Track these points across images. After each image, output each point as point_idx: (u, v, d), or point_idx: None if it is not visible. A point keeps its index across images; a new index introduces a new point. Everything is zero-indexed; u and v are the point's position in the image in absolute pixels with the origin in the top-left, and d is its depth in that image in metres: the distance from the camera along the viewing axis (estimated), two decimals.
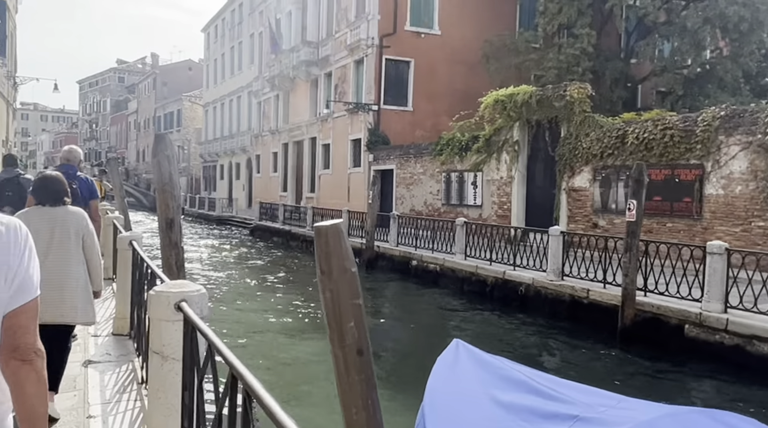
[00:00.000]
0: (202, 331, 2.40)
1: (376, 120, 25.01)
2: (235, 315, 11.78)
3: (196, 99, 54.34)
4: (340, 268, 1.78)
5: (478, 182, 18.75)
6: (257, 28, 38.86)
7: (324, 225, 1.82)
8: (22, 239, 1.48)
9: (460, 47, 25.52)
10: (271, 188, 35.68)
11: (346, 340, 1.76)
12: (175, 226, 6.69)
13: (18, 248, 1.46)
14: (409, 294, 14.33)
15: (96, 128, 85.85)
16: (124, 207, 14.03)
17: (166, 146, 6.53)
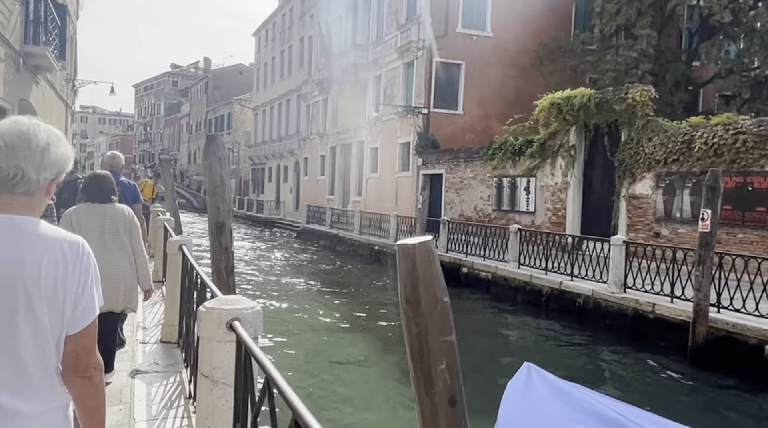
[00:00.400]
0: (258, 358, 2.10)
1: (425, 123, 24.64)
2: (283, 319, 11.60)
3: (246, 102, 55.09)
4: (430, 298, 1.46)
5: (531, 188, 18.16)
6: (307, 31, 39.06)
7: (411, 244, 1.49)
8: (85, 259, 1.51)
9: (512, 50, 24.94)
10: (318, 191, 35.72)
11: (435, 386, 1.42)
12: (226, 230, 6.51)
13: (80, 269, 1.50)
14: (461, 303, 13.88)
15: (150, 131, 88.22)
16: (175, 209, 14.08)
17: (217, 147, 6.35)
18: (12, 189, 1.48)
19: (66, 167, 1.58)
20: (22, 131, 1.50)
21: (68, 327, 1.49)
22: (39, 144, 1.50)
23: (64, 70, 18.49)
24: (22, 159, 1.47)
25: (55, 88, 16.40)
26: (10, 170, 1.47)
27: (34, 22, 11.79)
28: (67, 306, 1.48)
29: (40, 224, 1.51)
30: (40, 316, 1.45)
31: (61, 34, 14.68)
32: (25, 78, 11.96)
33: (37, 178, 1.50)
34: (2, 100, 10.24)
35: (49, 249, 1.47)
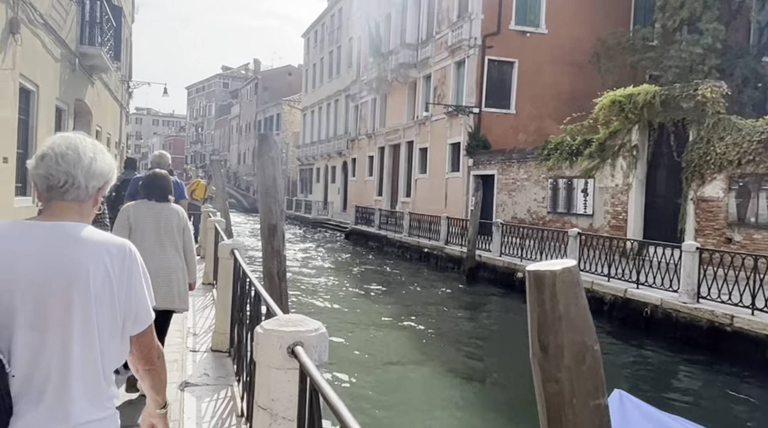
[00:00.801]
0: (325, 393, 1.73)
1: (476, 123, 24.07)
2: (336, 327, 11.32)
3: (295, 103, 55.46)
4: (576, 346, 1.05)
5: (589, 190, 17.40)
6: (356, 32, 38.92)
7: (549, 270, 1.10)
8: (131, 263, 1.57)
9: (568, 47, 24.10)
10: (366, 192, 35.50)
11: None
12: (278, 233, 6.26)
13: (127, 272, 1.56)
14: (516, 310, 13.33)
15: (201, 132, 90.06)
16: (225, 209, 14.00)
17: (270, 146, 6.09)
18: (63, 196, 1.54)
19: (111, 177, 1.65)
20: (70, 142, 1.57)
21: (131, 329, 1.59)
22: (87, 153, 1.57)
23: (119, 72, 18.74)
24: (72, 166, 1.53)
25: (110, 89, 16.60)
26: (60, 178, 1.52)
27: (90, 23, 11.86)
28: (123, 309, 1.56)
29: (89, 230, 1.55)
30: (93, 320, 1.49)
31: (116, 36, 14.80)
32: (81, 79, 12.05)
33: (86, 185, 1.56)
34: (59, 101, 10.29)
35: (100, 253, 1.52)
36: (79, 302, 1.47)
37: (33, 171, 1.56)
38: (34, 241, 1.49)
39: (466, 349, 10.10)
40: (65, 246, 1.49)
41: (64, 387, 1.46)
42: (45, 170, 1.53)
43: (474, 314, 13.12)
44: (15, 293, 1.44)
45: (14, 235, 1.49)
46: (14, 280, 1.44)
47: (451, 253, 18.20)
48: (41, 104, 8.98)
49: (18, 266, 1.45)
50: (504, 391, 8.05)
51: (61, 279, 1.46)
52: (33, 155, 1.56)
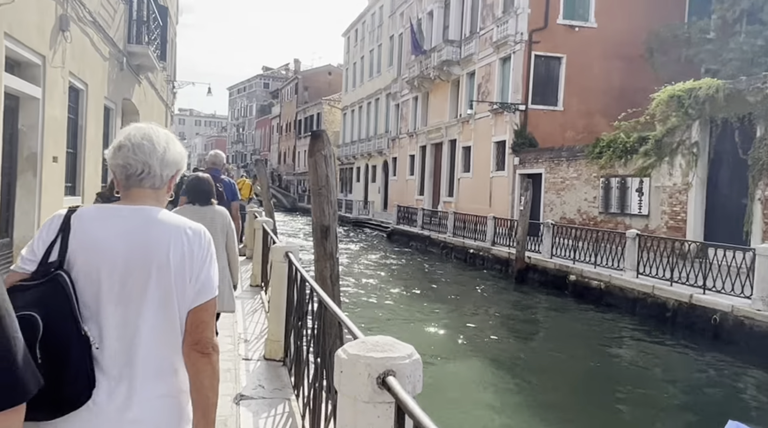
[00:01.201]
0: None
1: (522, 121, 23.43)
2: (384, 327, 11.00)
3: (335, 103, 55.48)
4: None
5: (644, 189, 16.65)
6: (397, 29, 38.58)
7: None
8: (206, 244, 1.66)
9: (618, 41, 23.24)
10: (407, 191, 35.13)
11: None
12: (331, 234, 5.96)
13: (202, 251, 1.64)
14: (569, 314, 12.79)
15: (242, 132, 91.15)
16: (270, 209, 13.84)
17: (323, 144, 5.78)
18: (140, 184, 1.64)
19: (182, 165, 1.73)
20: (145, 132, 1.66)
21: (189, 301, 1.60)
22: (160, 142, 1.66)
23: (165, 71, 18.82)
24: (148, 156, 1.62)
25: (156, 89, 16.65)
26: (138, 167, 1.61)
27: (137, 22, 11.81)
28: (190, 286, 1.60)
29: (166, 213, 1.65)
30: (173, 298, 1.56)
31: (162, 35, 14.80)
32: (128, 78, 12.02)
33: (161, 173, 1.65)
34: (107, 100, 10.24)
35: (176, 234, 1.60)
36: (158, 282, 1.56)
37: (111, 161, 1.65)
38: (119, 224, 1.58)
39: (522, 356, 9.64)
40: (146, 228, 1.59)
41: (145, 362, 1.54)
42: (123, 159, 1.62)
43: (526, 318, 12.62)
44: (102, 270, 1.54)
45: (101, 218, 1.59)
46: (102, 259, 1.54)
47: (498, 254, 17.68)
48: (90, 103, 8.90)
49: (105, 247, 1.55)
50: (558, 395, 7.59)
51: (142, 260, 1.55)
52: (110, 145, 1.66)
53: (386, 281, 16.23)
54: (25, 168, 6.80)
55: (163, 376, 1.57)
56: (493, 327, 11.68)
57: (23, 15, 6.13)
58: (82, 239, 1.55)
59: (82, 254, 1.54)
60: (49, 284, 1.48)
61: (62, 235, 1.55)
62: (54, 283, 1.48)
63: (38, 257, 1.54)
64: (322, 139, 5.99)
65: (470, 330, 11.21)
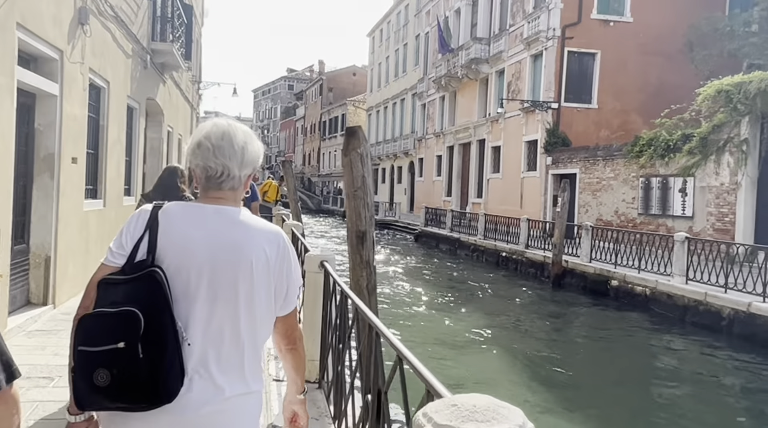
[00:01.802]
0: None
1: (555, 119, 22.68)
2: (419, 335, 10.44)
3: (360, 103, 55.07)
4: None
5: (688, 189, 15.83)
6: (423, 28, 38.01)
7: None
8: (285, 249, 1.65)
9: (655, 35, 22.39)
10: (434, 192, 34.51)
11: None
12: (368, 240, 5.44)
13: (281, 256, 1.63)
14: (613, 322, 12.08)
15: (267, 134, 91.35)
16: (298, 212, 13.37)
17: (359, 141, 5.26)
18: (220, 185, 1.63)
19: (259, 162, 1.73)
20: (224, 132, 1.63)
21: (279, 310, 1.67)
22: (239, 143, 1.64)
23: (190, 72, 18.51)
24: (228, 158, 1.61)
25: (181, 89, 16.32)
26: (218, 169, 1.61)
27: (162, 19, 11.44)
28: (276, 291, 1.64)
29: (247, 215, 1.65)
30: (254, 298, 1.59)
31: (187, 33, 14.44)
32: (152, 76, 11.65)
33: (240, 174, 1.65)
34: (130, 99, 9.85)
35: (259, 237, 1.61)
36: (243, 281, 1.56)
37: (191, 159, 1.63)
38: (204, 223, 1.58)
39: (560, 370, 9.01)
40: (229, 229, 1.59)
41: (228, 359, 1.55)
42: (203, 160, 1.61)
43: (569, 327, 11.95)
44: (191, 269, 1.53)
45: (187, 216, 1.59)
46: (189, 257, 1.54)
47: (533, 258, 16.99)
48: (112, 102, 8.51)
49: (192, 245, 1.55)
50: (612, 414, 6.96)
51: (227, 259, 1.55)
52: (189, 142, 1.64)
53: (417, 286, 15.66)
54: (41, 170, 6.39)
55: (244, 374, 1.58)
56: (536, 338, 11.04)
57: (38, 5, 5.72)
58: (170, 236, 1.56)
59: (171, 250, 1.54)
60: (145, 279, 1.49)
61: (150, 231, 1.56)
62: (150, 279, 1.49)
63: (127, 251, 1.55)
64: (358, 136, 5.48)
65: (513, 341, 10.60)
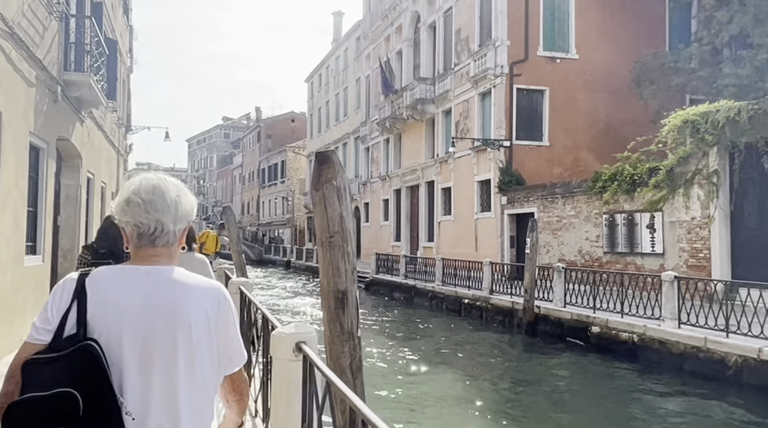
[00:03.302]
0: None
1: (507, 158, 21.97)
2: (378, 403, 8.84)
3: (300, 149, 53.81)
4: None
5: (656, 225, 15.11)
6: (363, 71, 37.41)
7: None
8: (229, 306, 1.58)
9: (601, 72, 22.30)
10: (382, 237, 33.22)
11: None
12: (350, 303, 4.19)
13: (223, 312, 1.56)
14: (597, 374, 10.87)
15: (203, 184, 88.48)
16: (242, 264, 11.69)
17: (334, 171, 3.96)
18: (153, 243, 1.54)
19: (193, 215, 1.63)
20: (154, 186, 1.54)
21: (226, 369, 1.60)
22: (171, 197, 1.55)
23: (116, 114, 16.71)
24: (160, 213, 1.53)
25: (104, 131, 14.52)
26: (150, 225, 1.52)
27: (77, 46, 9.82)
28: (220, 350, 1.56)
29: (184, 274, 1.55)
30: (197, 361, 1.50)
31: (110, 68, 12.81)
32: (66, 112, 9.92)
33: (174, 229, 1.56)
34: (34, 136, 8.11)
35: (198, 296, 1.52)
36: (182, 345, 1.48)
37: (120, 217, 1.55)
38: (137, 286, 1.50)
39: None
40: (165, 291, 1.50)
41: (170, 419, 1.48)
42: (133, 217, 1.53)
43: (546, 382, 10.61)
44: (123, 336, 1.45)
45: (118, 281, 1.51)
46: (123, 324, 1.46)
47: (500, 304, 15.76)
48: (6, 138, 6.80)
49: (125, 311, 1.46)
50: None
51: (164, 323, 1.48)
52: (116, 198, 1.56)
53: (374, 342, 14.08)
54: None
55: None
56: (515, 397, 9.64)
57: None
58: (101, 304, 1.47)
59: (103, 320, 1.46)
60: (79, 355, 1.39)
61: (78, 301, 1.47)
62: (85, 353, 1.40)
63: (54, 325, 1.45)
64: (332, 163, 4.07)
65: (489, 402, 9.17)
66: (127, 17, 19.05)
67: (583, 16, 22.59)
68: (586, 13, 22.54)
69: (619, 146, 20.99)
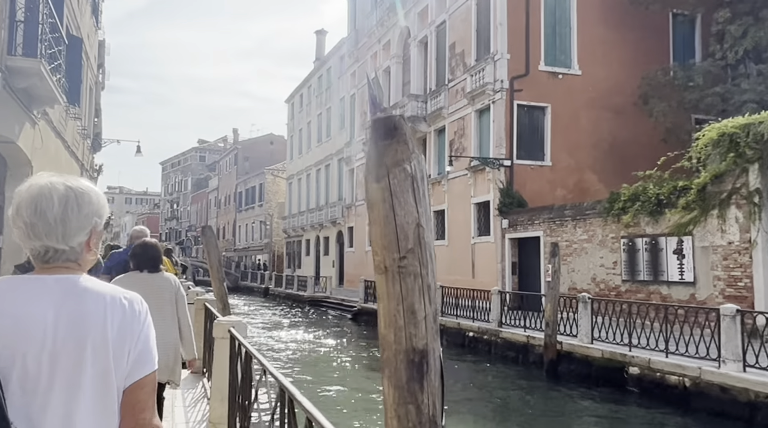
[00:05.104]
0: None
1: (508, 178, 20.51)
2: None
3: (279, 172, 51.97)
4: None
5: (685, 250, 13.64)
6: (348, 90, 35.98)
7: None
8: (144, 315, 1.41)
9: (605, 89, 21.12)
10: (367, 263, 31.35)
11: None
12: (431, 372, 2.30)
13: (139, 323, 1.39)
14: (636, 425, 9.21)
15: (177, 208, 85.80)
16: (223, 294, 9.79)
17: (407, 149, 2.33)
18: (49, 263, 1.36)
19: (100, 215, 1.39)
20: (37, 203, 1.31)
21: (123, 378, 1.35)
22: (55, 214, 1.32)
23: (78, 122, 14.82)
24: (45, 237, 1.33)
25: (64, 140, 12.63)
26: (40, 250, 1.34)
27: (27, 26, 8.06)
28: (126, 361, 1.36)
29: (95, 282, 1.39)
30: (107, 377, 1.33)
31: (72, 66, 11.02)
32: (11, 109, 8.10)
33: (68, 247, 1.34)
34: None
35: (111, 306, 1.36)
36: (93, 359, 1.31)
37: (16, 236, 1.37)
38: (43, 297, 1.31)
39: None
40: (76, 300, 1.33)
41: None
42: (20, 239, 1.35)
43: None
44: (27, 353, 1.28)
45: (20, 292, 1.32)
46: (26, 340, 1.28)
47: (511, 338, 14.05)
48: None
49: (29, 325, 1.29)
50: None
51: (74, 335, 1.30)
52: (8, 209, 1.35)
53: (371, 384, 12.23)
54: None
55: None
56: None
57: None
58: (1, 319, 1.28)
59: (4, 336, 1.27)
60: None
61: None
62: None
63: None
64: (403, 137, 2.10)
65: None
66: (96, 19, 17.28)
67: (585, 30, 21.48)
68: (588, 27, 21.43)
69: (624, 166, 19.71)
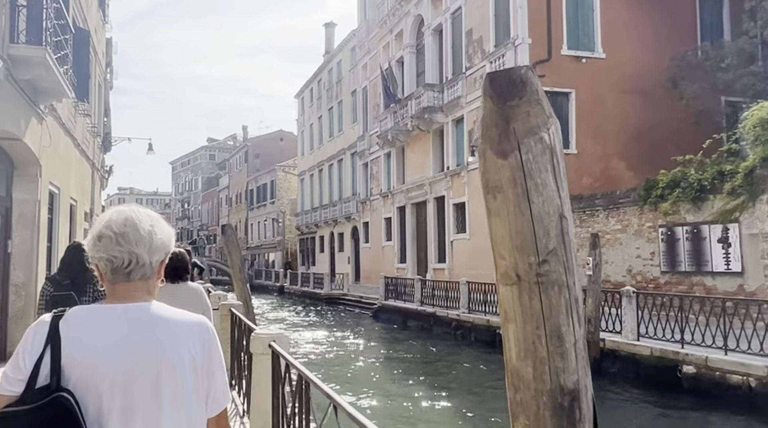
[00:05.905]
0: None
1: None
2: None
3: (291, 168, 51.36)
4: None
5: (731, 238, 12.86)
6: (360, 83, 35.26)
7: None
8: (214, 340, 1.46)
9: (631, 72, 20.26)
10: (384, 259, 30.71)
11: None
12: (585, 420, 1.49)
13: (211, 350, 1.44)
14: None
15: (188, 207, 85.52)
16: (246, 297, 9.18)
17: (542, 113, 2.27)
18: (128, 277, 1.42)
19: (170, 246, 1.51)
20: (126, 218, 1.44)
21: (210, 411, 1.45)
22: (145, 228, 1.44)
23: (89, 119, 14.22)
24: (134, 244, 1.41)
25: (74, 138, 12.02)
26: (124, 258, 1.41)
27: (30, 11, 7.41)
28: (205, 389, 1.44)
29: (165, 309, 1.44)
30: (182, 404, 1.39)
31: (80, 59, 10.39)
32: (14, 101, 7.49)
33: (150, 261, 1.44)
34: None
35: (182, 334, 1.41)
36: (166, 389, 1.36)
37: (92, 254, 1.43)
38: (114, 327, 1.36)
39: None
40: (146, 330, 1.38)
41: None
42: (105, 252, 1.41)
43: None
44: (102, 383, 1.33)
45: (93, 323, 1.37)
46: (101, 370, 1.33)
47: None
48: None
49: (103, 356, 1.33)
50: None
51: (147, 365, 1.35)
52: (88, 235, 1.44)
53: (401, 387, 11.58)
54: None
55: None
56: None
57: None
58: (76, 349, 1.33)
59: (78, 367, 1.32)
60: (51, 408, 1.27)
61: (51, 346, 1.33)
62: (57, 406, 1.27)
63: (26, 375, 1.31)
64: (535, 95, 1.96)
65: None
66: (104, 13, 16.66)
67: (608, 11, 20.63)
68: (612, 8, 20.59)
69: (653, 152, 18.94)
